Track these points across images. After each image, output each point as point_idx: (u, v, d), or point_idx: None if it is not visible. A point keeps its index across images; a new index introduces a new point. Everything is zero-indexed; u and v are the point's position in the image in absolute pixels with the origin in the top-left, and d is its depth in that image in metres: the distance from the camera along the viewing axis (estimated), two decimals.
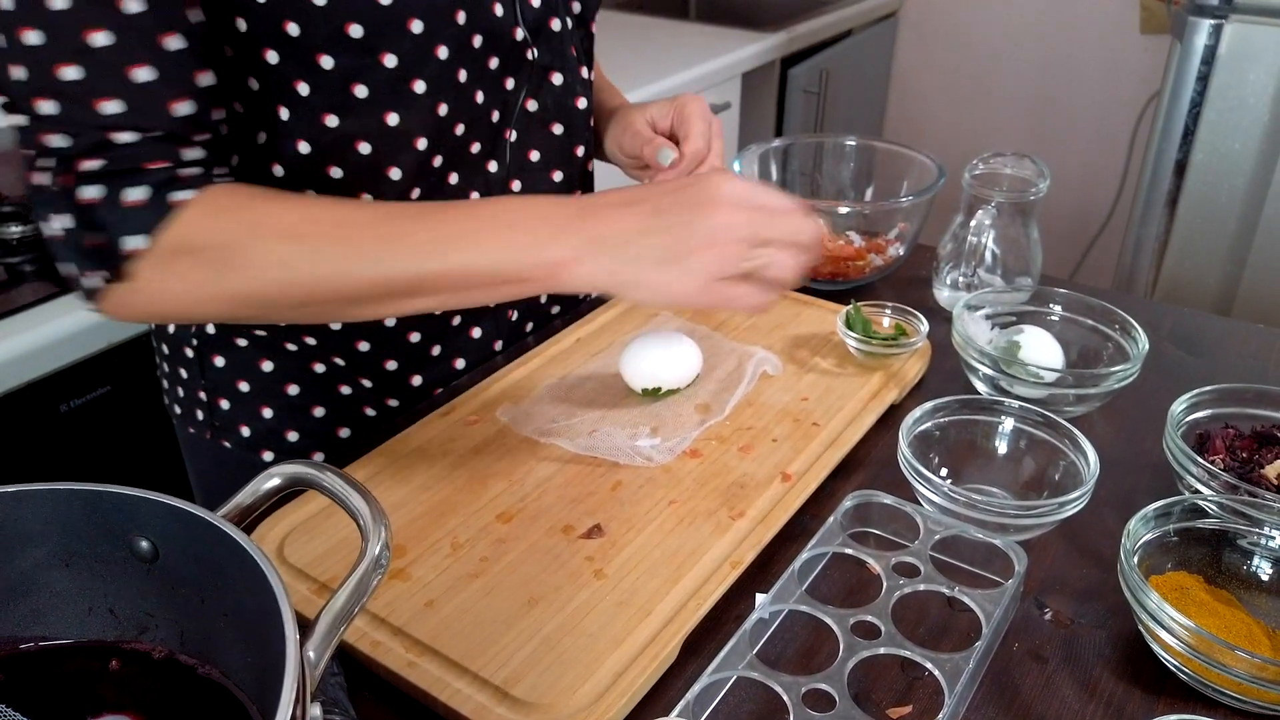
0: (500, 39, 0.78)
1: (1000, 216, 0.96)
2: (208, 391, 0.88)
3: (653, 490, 0.72)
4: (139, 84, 0.62)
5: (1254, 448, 0.74)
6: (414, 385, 0.88)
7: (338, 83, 0.71)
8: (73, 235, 0.63)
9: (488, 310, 0.90)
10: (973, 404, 0.77)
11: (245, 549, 0.43)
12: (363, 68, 0.71)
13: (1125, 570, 0.61)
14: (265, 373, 0.86)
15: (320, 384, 0.87)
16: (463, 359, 0.90)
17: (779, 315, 0.96)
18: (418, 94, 0.74)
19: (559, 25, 0.83)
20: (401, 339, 0.85)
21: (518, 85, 0.82)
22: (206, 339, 0.86)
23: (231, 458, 0.90)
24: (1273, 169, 1.69)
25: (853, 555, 0.67)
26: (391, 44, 0.71)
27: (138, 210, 0.62)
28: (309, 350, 0.85)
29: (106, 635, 0.48)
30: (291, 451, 0.89)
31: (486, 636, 0.60)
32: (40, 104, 0.61)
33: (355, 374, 0.86)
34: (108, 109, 0.61)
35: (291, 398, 0.87)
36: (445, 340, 0.88)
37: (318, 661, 0.42)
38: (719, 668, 0.57)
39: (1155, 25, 2.40)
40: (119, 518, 0.46)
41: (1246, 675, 0.55)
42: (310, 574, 0.64)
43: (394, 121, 0.74)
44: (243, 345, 0.85)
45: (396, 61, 0.72)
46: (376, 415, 0.89)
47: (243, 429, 0.89)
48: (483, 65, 0.78)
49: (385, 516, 0.46)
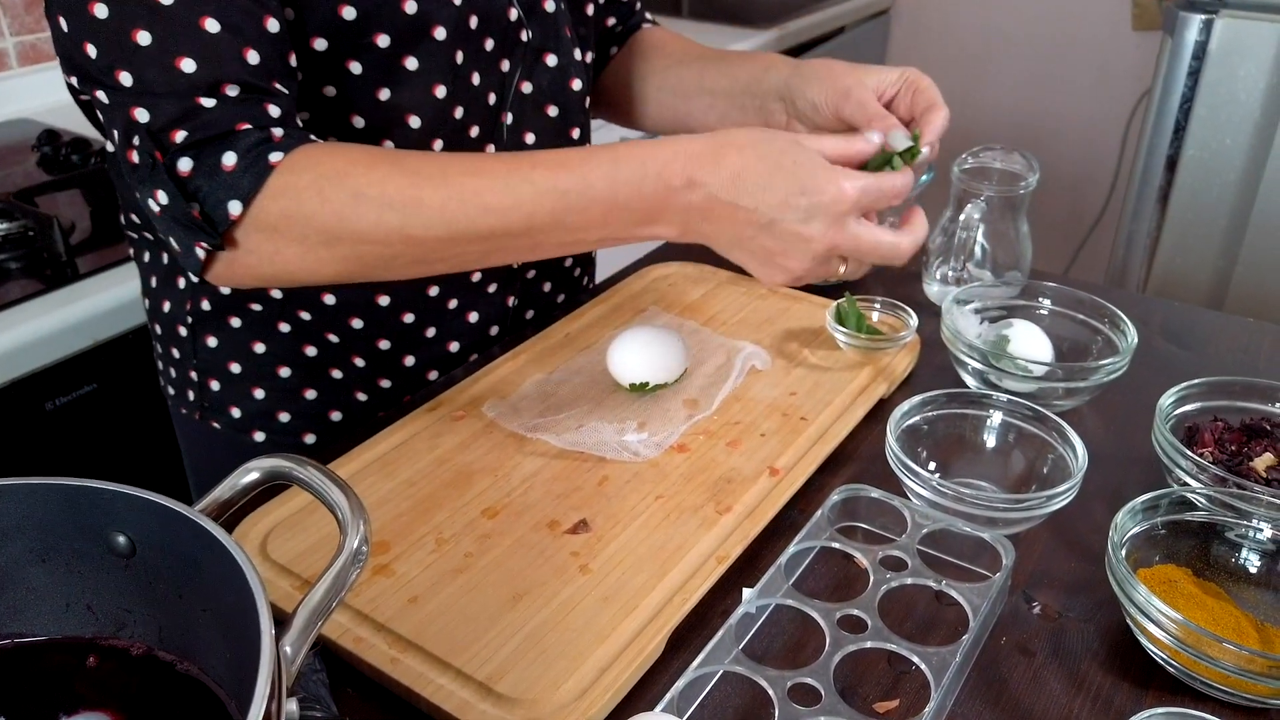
0: (495, 19, 0.78)
1: (989, 211, 0.95)
2: (199, 372, 0.88)
3: (639, 485, 0.72)
4: (209, 35, 0.62)
5: (1242, 440, 0.74)
6: (406, 366, 0.88)
7: (331, 61, 0.72)
8: (172, 209, 0.64)
9: (485, 295, 0.89)
10: (961, 398, 0.76)
11: (222, 544, 0.43)
12: (357, 48, 0.71)
13: (1113, 563, 0.61)
14: (258, 354, 0.86)
15: (312, 366, 0.86)
16: (456, 342, 0.90)
17: (768, 310, 0.96)
18: (411, 71, 0.74)
19: (552, 6, 0.83)
20: (395, 319, 0.85)
21: (512, 67, 0.82)
22: (201, 318, 0.86)
23: (222, 439, 0.90)
24: (1264, 164, 1.69)
25: (840, 549, 0.67)
26: (385, 24, 0.71)
27: (233, 175, 0.62)
28: (302, 331, 0.85)
29: (84, 632, 0.47)
30: (283, 432, 0.89)
31: (470, 632, 0.59)
32: (120, 75, 0.62)
33: (348, 353, 0.86)
34: (184, 67, 0.62)
35: (283, 379, 0.87)
36: (440, 322, 0.88)
37: (295, 656, 0.41)
38: (705, 662, 0.56)
39: (1147, 21, 2.40)
40: (96, 513, 0.46)
41: (1235, 668, 0.55)
42: (294, 570, 0.64)
43: (385, 97, 0.74)
44: (236, 325, 0.85)
45: (389, 41, 0.72)
46: (368, 399, 0.89)
47: (233, 410, 0.89)
48: (479, 46, 0.78)
49: (364, 510, 0.46)
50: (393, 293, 0.84)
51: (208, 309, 0.85)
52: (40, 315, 1.08)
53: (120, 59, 0.62)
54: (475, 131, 0.81)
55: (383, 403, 0.89)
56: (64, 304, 1.10)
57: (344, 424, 0.90)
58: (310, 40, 0.71)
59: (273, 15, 0.66)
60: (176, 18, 0.61)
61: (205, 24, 0.62)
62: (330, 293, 0.83)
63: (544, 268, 0.94)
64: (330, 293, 0.83)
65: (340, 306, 0.83)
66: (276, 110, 0.66)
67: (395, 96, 0.75)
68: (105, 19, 0.61)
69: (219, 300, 0.84)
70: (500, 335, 0.93)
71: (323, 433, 0.89)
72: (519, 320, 0.95)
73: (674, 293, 0.99)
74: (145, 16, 0.61)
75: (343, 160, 0.65)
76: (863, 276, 0.75)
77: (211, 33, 0.62)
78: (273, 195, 0.63)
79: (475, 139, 0.82)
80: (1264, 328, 0.98)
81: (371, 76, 0.74)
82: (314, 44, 0.71)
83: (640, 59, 0.96)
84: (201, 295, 0.85)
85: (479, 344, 0.91)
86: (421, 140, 0.78)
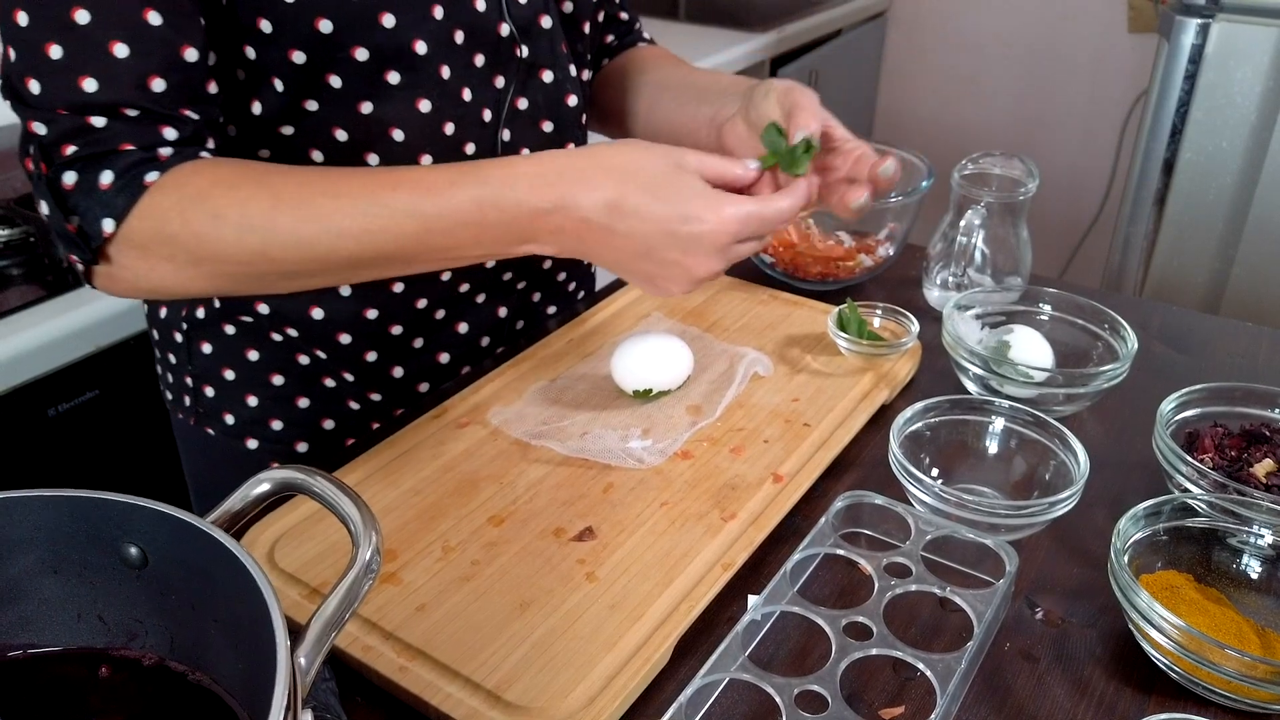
0: (484, 34, 0.78)
1: (990, 216, 0.96)
2: (194, 378, 0.89)
3: (644, 492, 0.72)
4: (115, 59, 0.63)
5: (1243, 446, 0.75)
6: (395, 377, 0.88)
7: (310, 74, 0.72)
8: (52, 220, 0.65)
9: (473, 305, 0.89)
10: (963, 404, 0.77)
11: (235, 555, 0.43)
12: (336, 61, 0.72)
13: (1115, 569, 0.61)
14: (251, 361, 0.86)
15: (305, 375, 0.87)
16: (446, 353, 0.90)
17: (770, 316, 0.96)
18: (393, 85, 0.74)
19: (549, 23, 0.83)
20: (383, 331, 0.85)
21: (507, 83, 0.82)
22: (195, 324, 0.86)
23: (217, 445, 0.91)
24: (1260, 167, 1.70)
25: (844, 556, 0.67)
26: (362, 38, 0.71)
27: (108, 194, 0.64)
28: (293, 341, 0.85)
29: (96, 642, 0.48)
30: (276, 440, 0.89)
31: (478, 640, 0.60)
32: (29, 83, 0.63)
33: (336, 367, 0.86)
34: (86, 86, 0.63)
35: (277, 387, 0.87)
36: (427, 333, 0.88)
37: (309, 668, 0.41)
38: (711, 670, 0.57)
39: (1143, 24, 2.40)
40: (107, 524, 0.46)
41: (1237, 673, 0.56)
42: (301, 579, 0.64)
43: (367, 110, 0.75)
44: (230, 333, 0.85)
45: (368, 55, 0.72)
46: (360, 409, 0.89)
47: (227, 416, 0.89)
48: (468, 62, 0.78)
49: (376, 521, 0.46)
50: (380, 305, 0.83)
51: (202, 316, 0.85)
52: (42, 321, 1.08)
53: (31, 68, 0.63)
54: (471, 149, 0.81)
55: (375, 412, 0.90)
56: (66, 310, 1.10)
57: (337, 433, 0.90)
58: (288, 53, 0.71)
59: (193, 45, 0.66)
60: (88, 38, 0.62)
61: (114, 48, 0.63)
62: (317, 306, 0.83)
63: (536, 280, 0.94)
64: (317, 306, 0.83)
65: (328, 321, 0.83)
66: (174, 134, 0.66)
67: (378, 110, 0.75)
68: (24, 27, 0.62)
69: (212, 308, 0.85)
70: (491, 346, 0.93)
71: (315, 441, 0.90)
72: (511, 331, 0.94)
73: (676, 299, 0.99)
74: (60, 32, 0.62)
75: (208, 180, 0.65)
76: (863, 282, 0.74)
77: (118, 57, 0.63)
78: (141, 215, 0.64)
79: (471, 156, 0.81)
80: (1262, 332, 0.98)
81: (352, 90, 0.74)
82: (292, 56, 0.71)
83: (632, 76, 0.95)
84: (197, 303, 0.85)
85: (470, 355, 0.91)
86: (408, 154, 0.78)
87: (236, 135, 0.75)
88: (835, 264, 1.01)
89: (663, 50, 0.99)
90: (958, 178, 0.97)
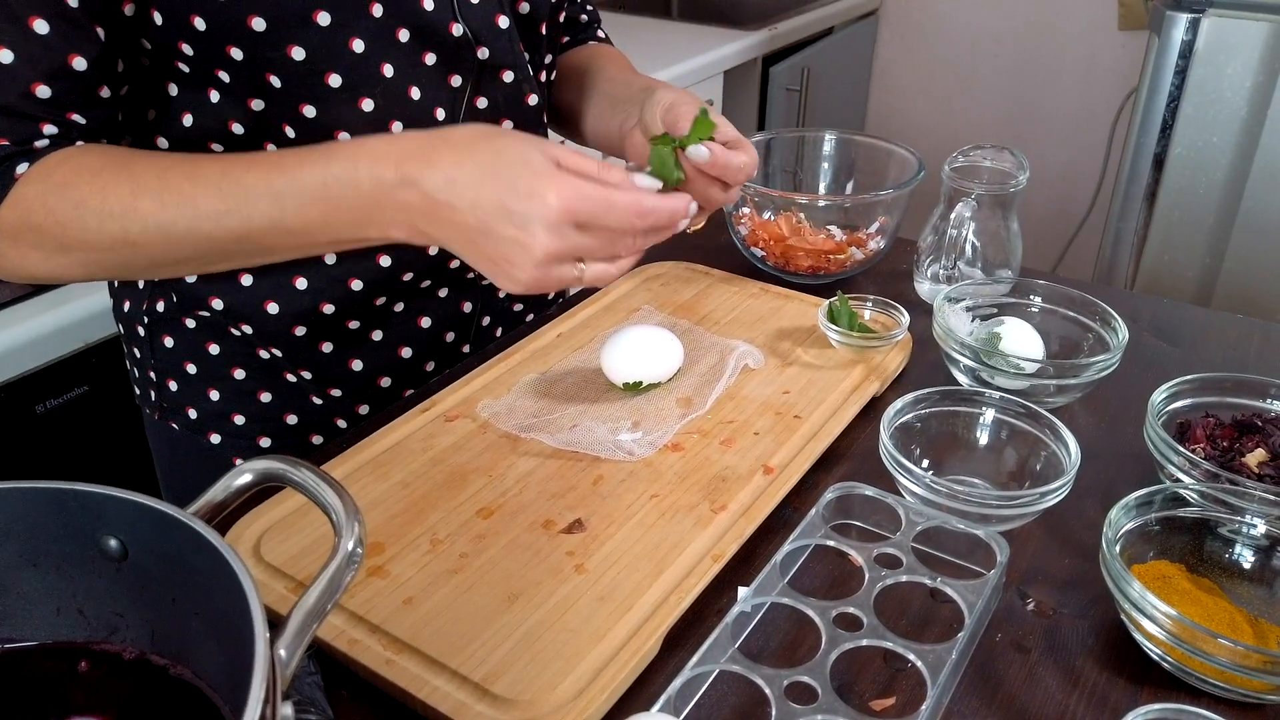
0: (434, 34, 0.76)
1: (980, 209, 0.96)
2: (158, 372, 0.88)
3: (634, 484, 0.72)
4: (0, 66, 0.64)
5: (1234, 436, 0.75)
6: (355, 370, 0.87)
7: (251, 72, 0.72)
8: None
9: (435, 299, 0.88)
10: (954, 395, 0.77)
11: (215, 546, 0.42)
12: (271, 60, 0.71)
13: (1107, 559, 0.61)
14: (212, 355, 0.86)
15: (266, 370, 0.86)
16: (408, 348, 0.89)
17: (760, 309, 0.96)
18: (333, 87, 0.74)
19: (505, 23, 0.81)
20: (340, 325, 0.84)
21: (464, 82, 0.81)
22: (156, 319, 0.86)
23: (182, 439, 0.90)
24: (1250, 162, 1.70)
25: (835, 547, 0.67)
26: (297, 36, 0.71)
27: None
28: (250, 336, 0.84)
29: (76, 636, 0.47)
30: (238, 435, 0.88)
31: (466, 633, 0.59)
32: None
33: (294, 364, 0.86)
34: None
35: (238, 382, 0.87)
36: (386, 327, 0.87)
37: (289, 660, 0.41)
38: (701, 661, 0.56)
39: (1133, 21, 2.41)
40: (86, 516, 0.45)
41: (1229, 663, 0.55)
42: (287, 572, 0.64)
43: (311, 114, 0.74)
44: (191, 326, 0.85)
45: (305, 55, 0.72)
46: (323, 404, 0.88)
47: (190, 411, 0.88)
48: (415, 61, 0.77)
49: (359, 512, 0.46)
50: (336, 300, 0.82)
51: (161, 310, 0.85)
52: (30, 318, 1.08)
53: None
54: None
55: (338, 408, 0.89)
56: (54, 306, 1.09)
57: (300, 427, 0.89)
58: (226, 49, 0.70)
59: (81, 54, 0.67)
60: None
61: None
62: (273, 301, 0.82)
63: None
64: (273, 301, 0.82)
65: (282, 315, 0.83)
66: (54, 130, 0.67)
67: (321, 114, 0.74)
68: None
69: (171, 303, 0.84)
70: (457, 342, 0.92)
71: (279, 436, 0.89)
72: (479, 328, 0.93)
73: (667, 292, 0.99)
74: None
75: (72, 169, 0.66)
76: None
77: (3, 63, 0.64)
78: (9, 206, 0.66)
79: None
80: (1253, 324, 0.98)
81: (292, 91, 0.73)
82: (230, 53, 0.71)
83: (580, 75, 0.94)
84: (158, 297, 0.85)
85: (434, 350, 0.90)
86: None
87: (191, 126, 0.75)
88: (826, 257, 1.01)
89: (609, 50, 0.99)
90: (948, 170, 0.96)
